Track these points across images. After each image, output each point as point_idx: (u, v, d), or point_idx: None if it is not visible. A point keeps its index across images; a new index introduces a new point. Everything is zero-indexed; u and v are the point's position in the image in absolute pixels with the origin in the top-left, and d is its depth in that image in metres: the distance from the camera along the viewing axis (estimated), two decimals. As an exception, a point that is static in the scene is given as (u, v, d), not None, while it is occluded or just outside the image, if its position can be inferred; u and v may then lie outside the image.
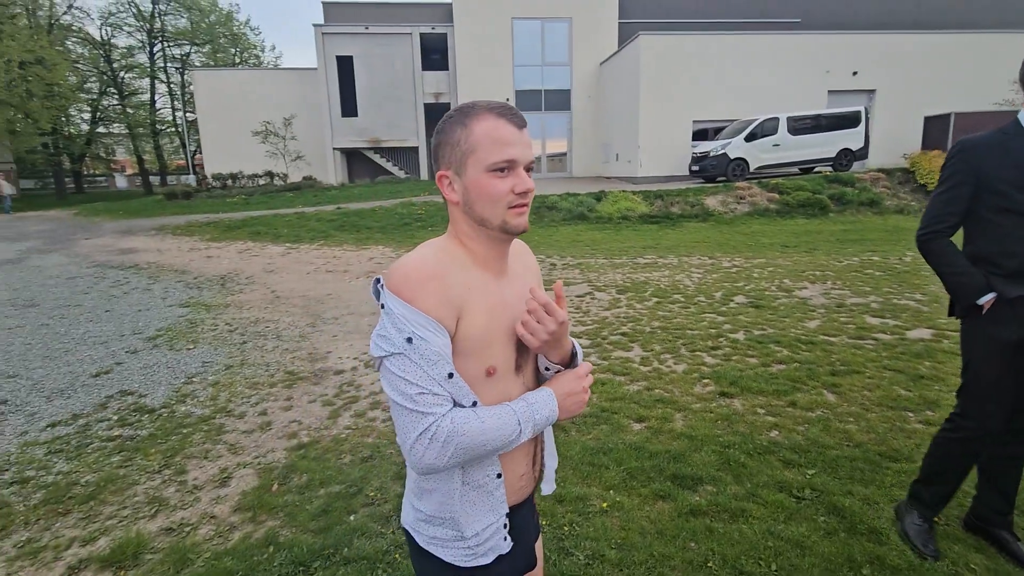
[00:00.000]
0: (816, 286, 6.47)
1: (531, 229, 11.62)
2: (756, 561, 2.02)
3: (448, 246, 0.92)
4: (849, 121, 15.41)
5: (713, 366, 4.00)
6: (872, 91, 18.04)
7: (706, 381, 3.74)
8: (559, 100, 21.74)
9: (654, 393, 3.55)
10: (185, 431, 3.27)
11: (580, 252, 9.43)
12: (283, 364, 4.43)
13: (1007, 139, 1.84)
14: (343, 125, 22.16)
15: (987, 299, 1.88)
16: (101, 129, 35.89)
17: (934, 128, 15.68)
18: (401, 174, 22.83)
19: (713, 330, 4.85)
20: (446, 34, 21.41)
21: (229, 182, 20.80)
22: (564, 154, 22.41)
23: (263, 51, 42.37)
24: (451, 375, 0.84)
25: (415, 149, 22.85)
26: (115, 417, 3.47)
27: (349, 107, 22.11)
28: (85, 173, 39.97)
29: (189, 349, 4.83)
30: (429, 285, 0.84)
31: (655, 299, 6.04)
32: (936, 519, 2.18)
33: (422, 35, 21.68)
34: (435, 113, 22.67)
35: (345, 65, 21.71)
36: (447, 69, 22.01)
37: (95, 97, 34.03)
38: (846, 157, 15.41)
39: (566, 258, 8.90)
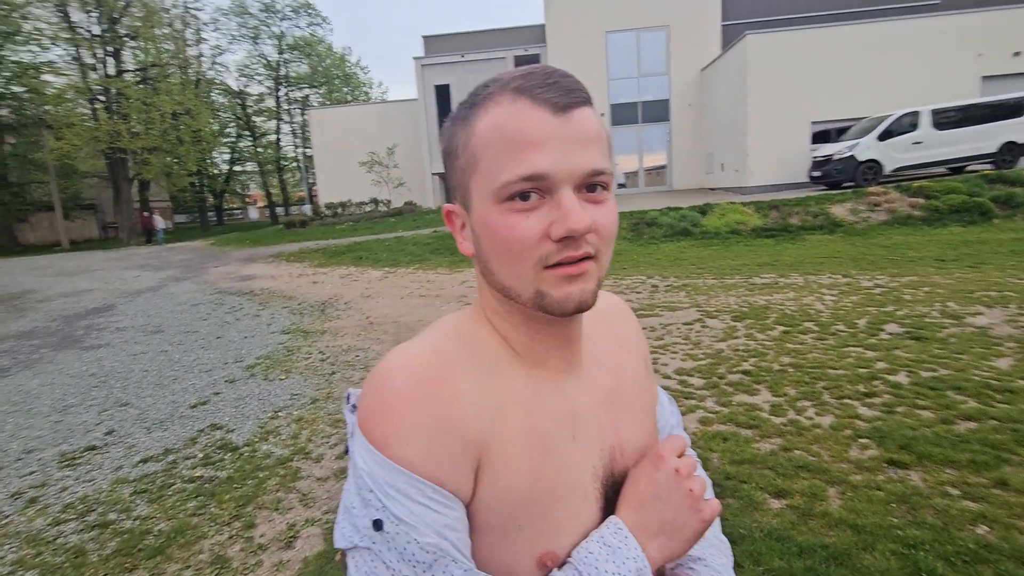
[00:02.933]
0: (995, 311, 5.19)
1: (630, 247, 10.98)
2: None
3: (469, 330, 0.56)
4: (1014, 109, 12.98)
5: (871, 420, 3.16)
6: (1042, 72, 15.18)
7: (864, 441, 2.92)
8: (657, 111, 20.81)
9: (795, 456, 2.82)
10: (262, 475, 3.11)
11: (685, 271, 8.60)
12: (367, 399, 4.23)
13: None
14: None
15: None
16: (237, 168, 40.60)
17: None
18: (496, 195, 23.13)
19: (863, 369, 3.93)
20: (539, 55, 21.47)
21: (339, 210, 22.26)
22: (663, 167, 21.35)
23: (371, 87, 45.73)
24: None
25: (509, 170, 23.08)
26: (201, 455, 3.42)
27: (446, 133, 22.88)
28: (224, 207, 45.36)
29: (282, 379, 4.83)
30: (419, 415, 0.47)
31: (781, 328, 5.16)
32: None
33: (516, 58, 21.92)
34: (529, 133, 22.78)
35: (442, 93, 22.52)
36: (540, 89, 22.09)
37: (233, 140, 38.64)
38: (1011, 152, 12.97)
39: (669, 279, 8.13)
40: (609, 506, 0.56)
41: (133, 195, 27.96)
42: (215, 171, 38.26)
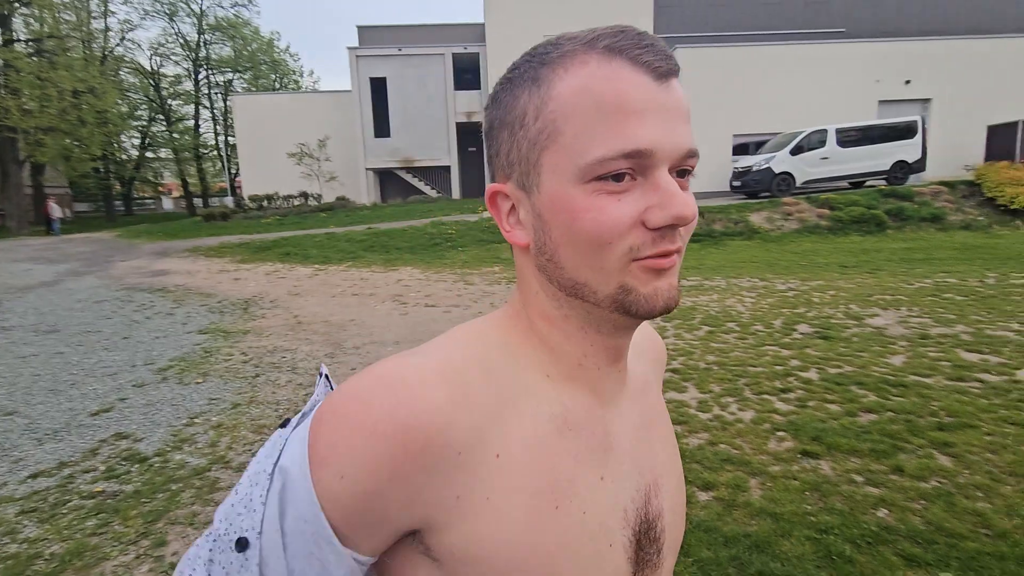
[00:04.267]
0: (889, 313, 5.73)
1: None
2: None
3: (502, 335, 0.47)
4: (904, 132, 14.44)
5: (787, 414, 3.38)
6: (927, 100, 17.01)
7: (782, 434, 3.13)
8: (592, 116, 21.42)
9: (720, 449, 2.97)
10: (175, 487, 2.87)
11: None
12: (294, 402, 4.02)
13: None
14: (376, 145, 22.31)
15: None
16: (149, 154, 37.50)
17: (1000, 137, 14.58)
18: (433, 193, 22.78)
19: (779, 367, 4.21)
20: (478, 54, 21.42)
21: (265, 203, 21.11)
22: (597, 171, 22.00)
23: (301, 76, 43.77)
24: None
25: (447, 168, 22.81)
26: (103, 467, 3.10)
27: (382, 128, 22.29)
28: (134, 196, 41.78)
29: (198, 383, 4.49)
30: (374, 463, 0.37)
31: (706, 328, 5.43)
32: None
33: (455, 55, 21.75)
34: (466, 132, 22.64)
35: (378, 86, 21.94)
36: (479, 88, 21.97)
37: (145, 124, 35.65)
38: (901, 170, 14.40)
39: (603, 280, 8.36)
40: (642, 552, 0.48)
41: (25, 180, 25.12)
42: (123, 156, 35.15)
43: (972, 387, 3.67)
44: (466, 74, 22.41)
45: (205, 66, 36.46)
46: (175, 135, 36.21)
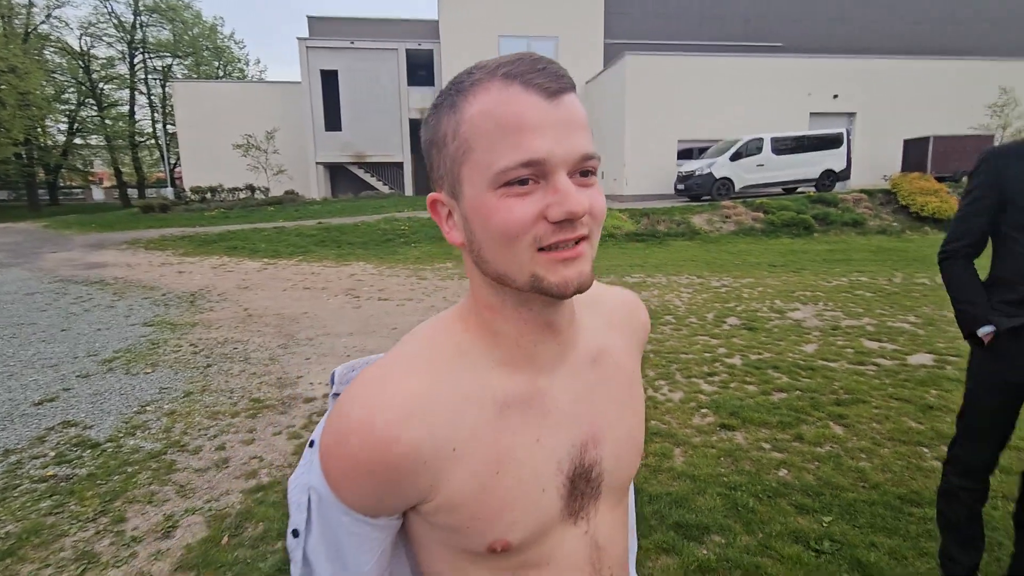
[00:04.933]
0: (808, 307, 6.32)
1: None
2: (778, 633, 1.76)
3: (450, 335, 0.57)
4: (831, 142, 15.60)
5: (711, 394, 3.77)
6: (852, 114, 18.37)
7: (705, 411, 3.50)
8: (545, 118, 21.82)
9: (650, 424, 3.30)
10: (131, 469, 2.92)
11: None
12: (248, 390, 4.09)
13: None
14: (327, 139, 21.90)
15: (986, 331, 1.68)
16: (78, 140, 35.14)
17: (914, 150, 15.95)
18: (385, 189, 22.60)
19: (708, 354, 4.63)
20: (432, 51, 21.42)
21: (208, 195, 20.33)
22: (550, 171, 22.43)
23: (247, 64, 42.14)
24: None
25: (400, 164, 22.67)
26: (53, 453, 3.10)
27: (333, 121, 21.89)
28: (61, 185, 39.03)
29: (147, 373, 4.46)
30: (368, 480, 0.50)
31: (646, 320, 5.82)
32: (974, 578, 1.94)
33: (408, 51, 21.65)
34: (418, 128, 22.54)
35: (329, 79, 21.54)
36: (433, 85, 21.97)
37: (73, 108, 33.36)
38: (828, 178, 15.55)
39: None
40: (575, 494, 0.58)
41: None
42: (48, 142, 32.81)
43: (869, 370, 4.19)
44: (420, 70, 22.36)
45: (141, 49, 34.49)
46: (108, 121, 34.07)
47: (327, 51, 21.38)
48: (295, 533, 0.55)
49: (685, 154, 17.95)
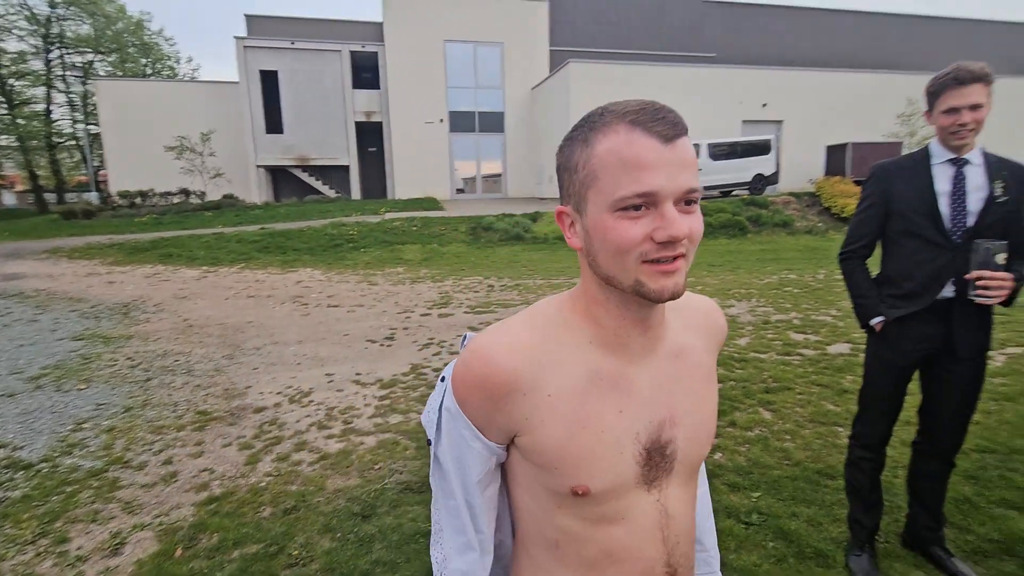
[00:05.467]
0: (743, 303, 6.76)
1: (467, 250, 11.45)
2: (712, 598, 1.94)
3: (560, 316, 0.70)
4: (761, 148, 16.60)
5: (654, 387, 3.99)
6: (780, 122, 19.59)
7: (648, 403, 3.71)
8: (493, 122, 21.99)
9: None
10: (70, 489, 2.81)
11: (518, 273, 9.40)
12: (194, 403, 3.98)
13: (916, 165, 1.91)
14: (267, 142, 21.19)
15: (877, 322, 1.95)
16: (-15, 141, 32.25)
17: (834, 156, 17.20)
18: (331, 193, 22.08)
19: (651, 350, 4.88)
20: (377, 53, 21.15)
21: (138, 200, 19.23)
22: (499, 175, 22.61)
23: (178, 62, 40.06)
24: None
25: (346, 168, 22.22)
26: (-21, 477, 2.93)
27: (274, 123, 21.22)
28: (-36, 189, 35.70)
29: (81, 389, 4.25)
30: (482, 400, 0.67)
31: (593, 320, 6.05)
32: (877, 537, 2.21)
33: (352, 53, 21.29)
34: (366, 132, 22.24)
35: (269, 80, 20.87)
36: (379, 88, 21.69)
37: (-24, 105, 30.58)
38: (760, 182, 16.54)
39: (504, 279, 8.83)
40: (650, 463, 0.70)
41: None
42: (-50, 142, 29.96)
43: (794, 359, 4.56)
44: (365, 73, 22.03)
45: (59, 44, 32.11)
46: (20, 120, 31.46)
47: (267, 51, 20.70)
48: (428, 442, 0.73)
49: (628, 159, 18.58)
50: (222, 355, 5.13)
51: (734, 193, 16.83)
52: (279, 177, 22.91)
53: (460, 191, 22.21)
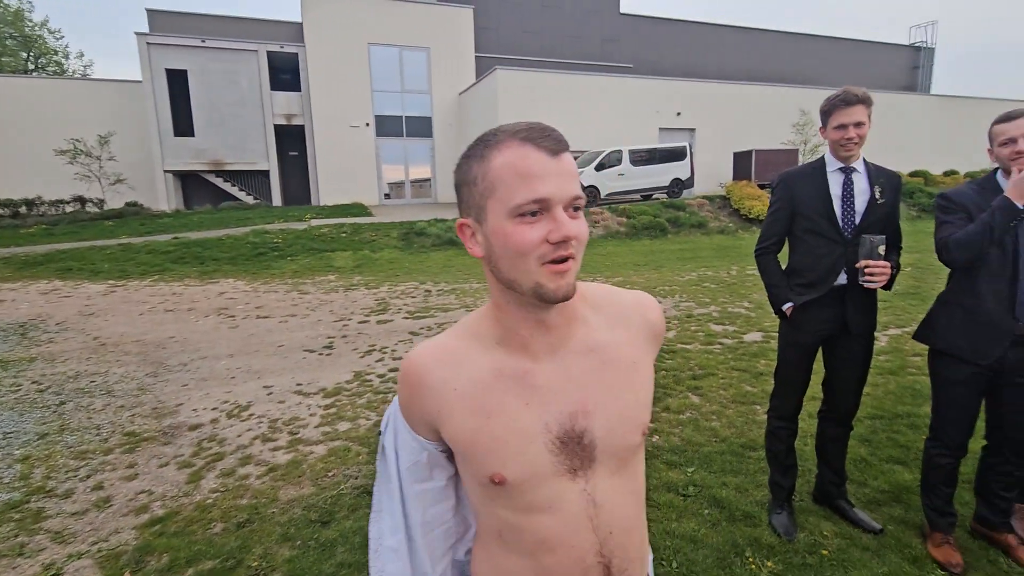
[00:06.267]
0: (668, 300, 7.23)
1: (401, 256, 11.33)
2: (659, 562, 2.15)
3: (478, 321, 0.79)
4: (677, 155, 17.69)
5: (593, 381, 4.23)
6: (693, 129, 20.96)
7: (589, 396, 3.94)
8: (421, 127, 21.84)
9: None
10: (-15, 524, 2.58)
11: (454, 277, 9.45)
12: (119, 424, 3.74)
13: (814, 173, 2.24)
14: (176, 145, 19.78)
15: (787, 307, 2.27)
16: None
17: (741, 162, 18.65)
18: (250, 200, 20.97)
19: (588, 346, 5.14)
20: (297, 54, 20.39)
21: (23, 209, 17.30)
22: (428, 180, 22.48)
23: (67, 57, 36.36)
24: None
25: (266, 173, 21.19)
26: None
27: (183, 126, 19.85)
28: None
29: (-19, 418, 3.85)
30: (408, 401, 0.79)
31: (531, 320, 6.25)
32: (794, 497, 2.52)
33: (270, 53, 20.37)
34: (287, 136, 21.36)
35: (177, 80, 19.51)
36: (299, 90, 20.91)
37: None
38: (677, 186, 17.60)
39: (440, 284, 8.86)
40: (567, 452, 0.74)
41: None
42: None
43: (716, 348, 4.98)
44: (284, 74, 21.16)
45: (-84, 33, 28.22)
46: None
47: (174, 49, 19.34)
48: (379, 433, 0.87)
49: (555, 164, 19.10)
50: (145, 373, 4.82)
51: (654, 197, 17.79)
52: (190, 183, 21.44)
53: (388, 196, 21.85)
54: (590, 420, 0.74)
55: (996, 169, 2.06)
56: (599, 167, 16.44)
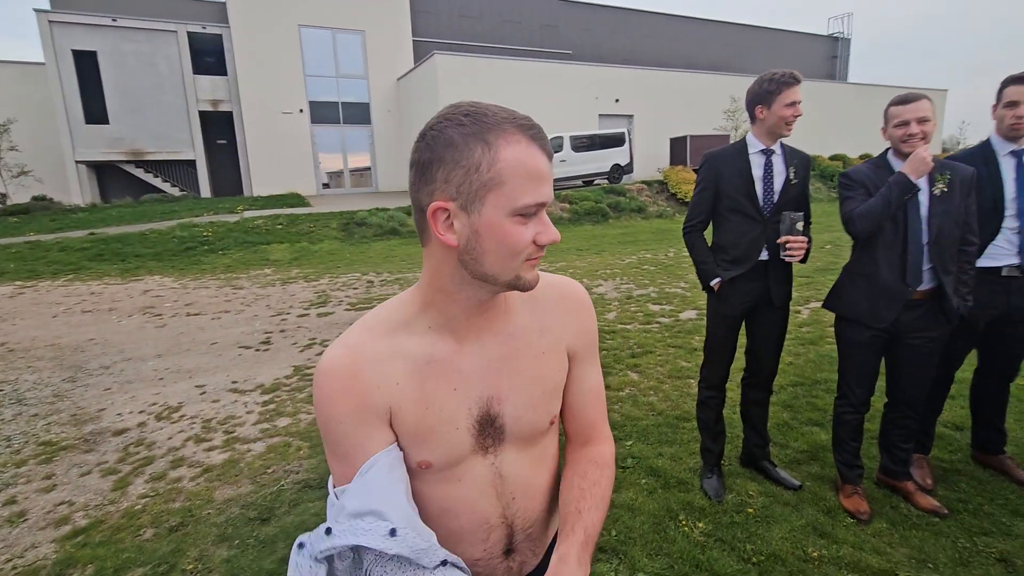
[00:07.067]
0: (609, 282, 7.43)
1: (341, 247, 11.02)
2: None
3: (401, 309, 0.76)
4: (617, 140, 18.07)
5: (537, 363, 4.31)
6: (631, 116, 21.42)
7: (533, 378, 4.01)
8: (359, 113, 21.16)
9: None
10: None
11: (397, 267, 9.31)
12: (33, 434, 3.47)
13: (737, 154, 2.36)
14: (89, 134, 18.26)
15: (715, 282, 2.40)
16: None
17: (677, 147, 19.27)
18: (175, 191, 19.71)
19: (532, 330, 5.22)
20: (221, 35, 19.20)
21: (-92, 206, 15.51)
22: (368, 169, 21.88)
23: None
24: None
25: (192, 163, 19.95)
26: None
27: (96, 113, 18.33)
28: None
29: None
30: (340, 407, 0.71)
31: (477, 307, 6.26)
32: (723, 462, 2.69)
33: (190, 34, 19.08)
34: (214, 123, 20.16)
35: (86, 62, 17.95)
36: (226, 74, 19.74)
37: None
38: (617, 171, 18.01)
39: (383, 274, 8.70)
40: (483, 434, 0.78)
41: None
42: None
43: (654, 327, 5.18)
44: (207, 57, 19.90)
45: None
46: None
47: (81, 28, 17.75)
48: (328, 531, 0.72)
49: (498, 151, 19.04)
50: (61, 379, 4.49)
51: (596, 182, 18.13)
52: (107, 175, 19.89)
53: (326, 186, 21.12)
54: (502, 406, 0.78)
55: (887, 149, 2.25)
56: (541, 154, 16.53)
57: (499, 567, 0.85)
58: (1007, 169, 2.29)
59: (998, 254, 2.32)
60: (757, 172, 2.30)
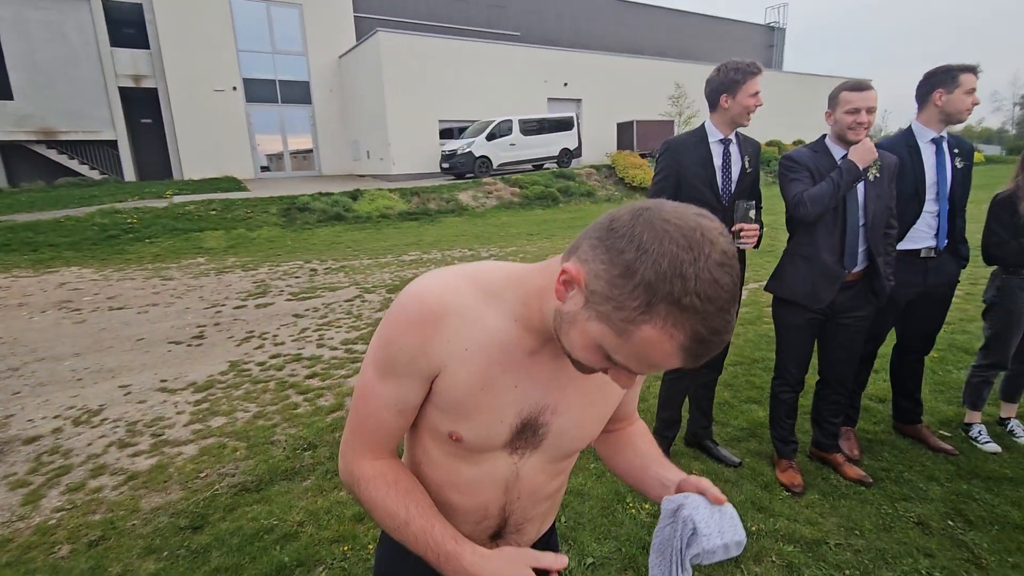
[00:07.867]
0: (558, 267, 7.46)
1: (282, 234, 10.56)
2: (549, 520, 2.24)
3: (503, 282, 0.74)
4: (565, 124, 18.11)
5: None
6: (579, 100, 21.50)
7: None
8: (298, 92, 20.16)
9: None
10: None
11: (342, 254, 9.00)
12: (-73, 447, 3.12)
13: (698, 143, 2.36)
14: (-10, 110, 16.54)
15: None
16: None
17: (624, 132, 19.54)
18: (94, 174, 18.21)
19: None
20: (141, 5, 17.72)
21: None
22: (310, 151, 20.98)
23: None
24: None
25: (113, 143, 18.46)
26: None
27: (-2, 87, 16.61)
28: None
29: None
30: (410, 340, 0.71)
31: (425, 294, 6.14)
32: (672, 445, 2.75)
33: (106, 3, 17.50)
34: (137, 100, 18.67)
35: (-17, 31, 16.17)
36: (149, 48, 18.28)
37: None
38: (566, 155, 18.09)
39: (327, 262, 8.39)
40: (521, 435, 0.78)
41: None
42: None
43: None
44: (127, 28, 18.35)
45: None
46: None
47: (-28, -9, 15.92)
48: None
49: (446, 134, 18.74)
50: (-39, 383, 4.06)
51: (545, 167, 18.15)
52: (14, 156, 18.11)
53: (265, 168, 20.10)
54: (554, 419, 0.79)
55: (824, 135, 2.31)
56: (490, 137, 16.38)
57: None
58: (927, 155, 2.41)
59: (919, 237, 2.45)
60: (718, 161, 2.32)
